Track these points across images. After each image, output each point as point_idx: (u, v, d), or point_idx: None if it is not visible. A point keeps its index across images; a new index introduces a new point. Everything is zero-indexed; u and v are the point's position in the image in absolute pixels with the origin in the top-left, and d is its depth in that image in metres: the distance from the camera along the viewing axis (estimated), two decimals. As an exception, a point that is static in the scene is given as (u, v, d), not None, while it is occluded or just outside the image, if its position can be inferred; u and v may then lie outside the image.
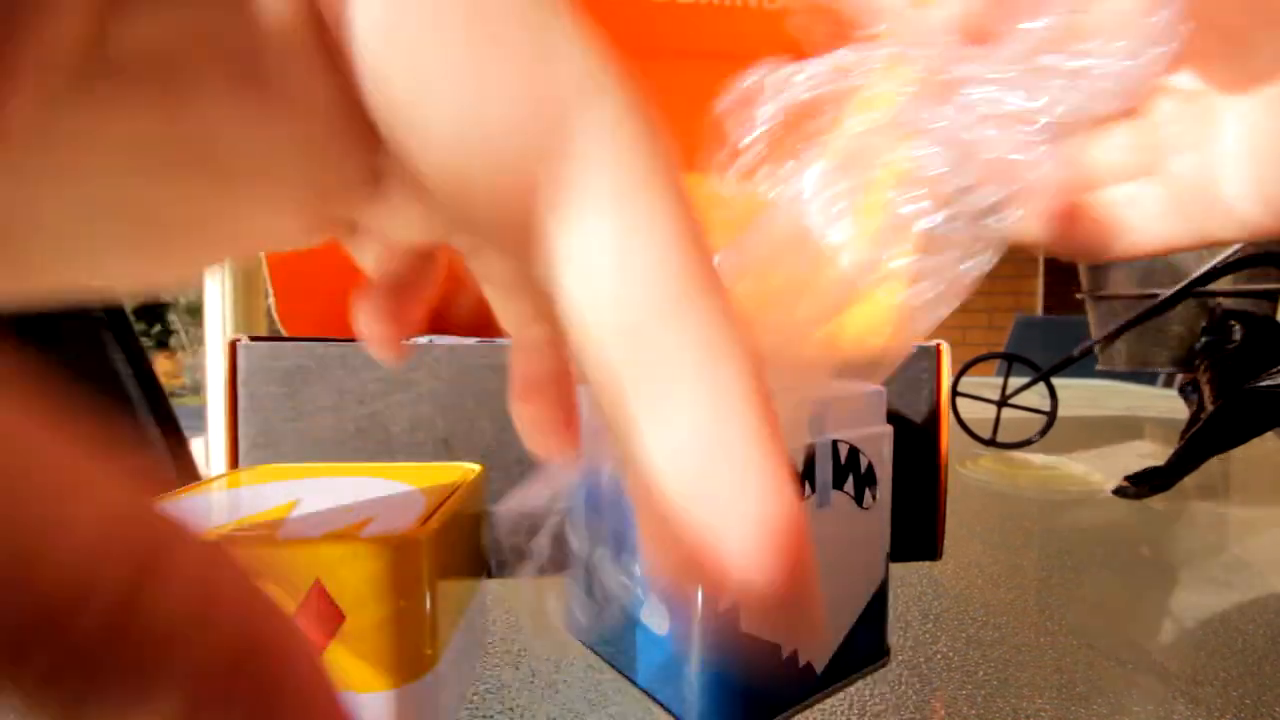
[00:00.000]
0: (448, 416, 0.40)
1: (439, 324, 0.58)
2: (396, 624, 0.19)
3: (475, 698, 0.26)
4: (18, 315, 0.52)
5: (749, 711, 0.24)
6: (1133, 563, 0.43)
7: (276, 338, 0.39)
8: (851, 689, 0.27)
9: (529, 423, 0.17)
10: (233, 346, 0.38)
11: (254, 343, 0.38)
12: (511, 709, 0.25)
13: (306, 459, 0.38)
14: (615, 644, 0.28)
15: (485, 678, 0.28)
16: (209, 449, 0.99)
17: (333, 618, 0.19)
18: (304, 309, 0.46)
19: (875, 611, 0.27)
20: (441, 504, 0.22)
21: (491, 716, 0.25)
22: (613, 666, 0.28)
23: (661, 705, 0.25)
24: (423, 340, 0.41)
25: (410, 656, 0.19)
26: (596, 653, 0.29)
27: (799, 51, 0.62)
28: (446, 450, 0.40)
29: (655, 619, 0.25)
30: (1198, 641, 0.32)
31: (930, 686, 0.27)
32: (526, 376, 0.17)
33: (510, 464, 0.40)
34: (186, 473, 0.63)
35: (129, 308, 0.62)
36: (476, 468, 0.28)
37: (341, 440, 0.39)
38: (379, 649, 0.19)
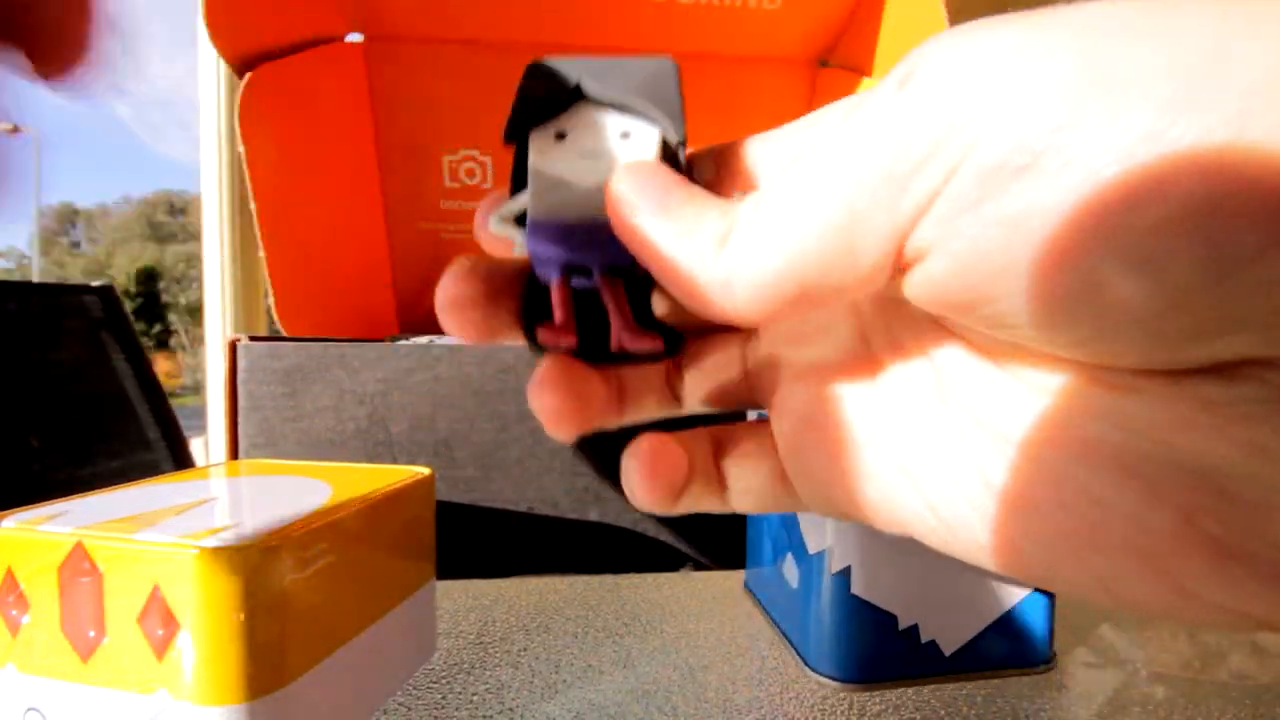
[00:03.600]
0: (448, 417, 0.40)
1: (435, 325, 0.58)
2: (236, 637, 0.18)
3: (475, 697, 0.26)
4: (18, 315, 0.52)
5: (862, 669, 0.27)
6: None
7: (276, 337, 0.39)
8: (852, 688, 0.27)
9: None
10: (233, 346, 0.38)
11: (254, 343, 0.38)
12: (511, 709, 0.25)
13: (306, 458, 0.38)
14: (767, 589, 0.33)
15: (485, 678, 0.28)
16: (209, 448, 0.99)
17: (168, 625, 0.18)
18: (304, 309, 0.46)
19: (1027, 614, 0.28)
20: (321, 514, 0.21)
21: (491, 716, 0.25)
22: (761, 607, 0.34)
23: (793, 648, 0.30)
24: (422, 340, 0.41)
25: (254, 672, 0.18)
26: (753, 595, 0.35)
27: (797, 54, 0.62)
28: (447, 450, 0.40)
29: (789, 574, 0.30)
30: (1199, 639, 0.32)
31: (930, 687, 0.27)
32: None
33: (510, 464, 0.40)
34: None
35: (129, 308, 0.62)
36: (425, 471, 0.27)
37: (342, 440, 0.39)
38: (219, 661, 0.18)
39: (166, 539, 0.18)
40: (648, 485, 0.15)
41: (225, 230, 0.90)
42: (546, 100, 0.13)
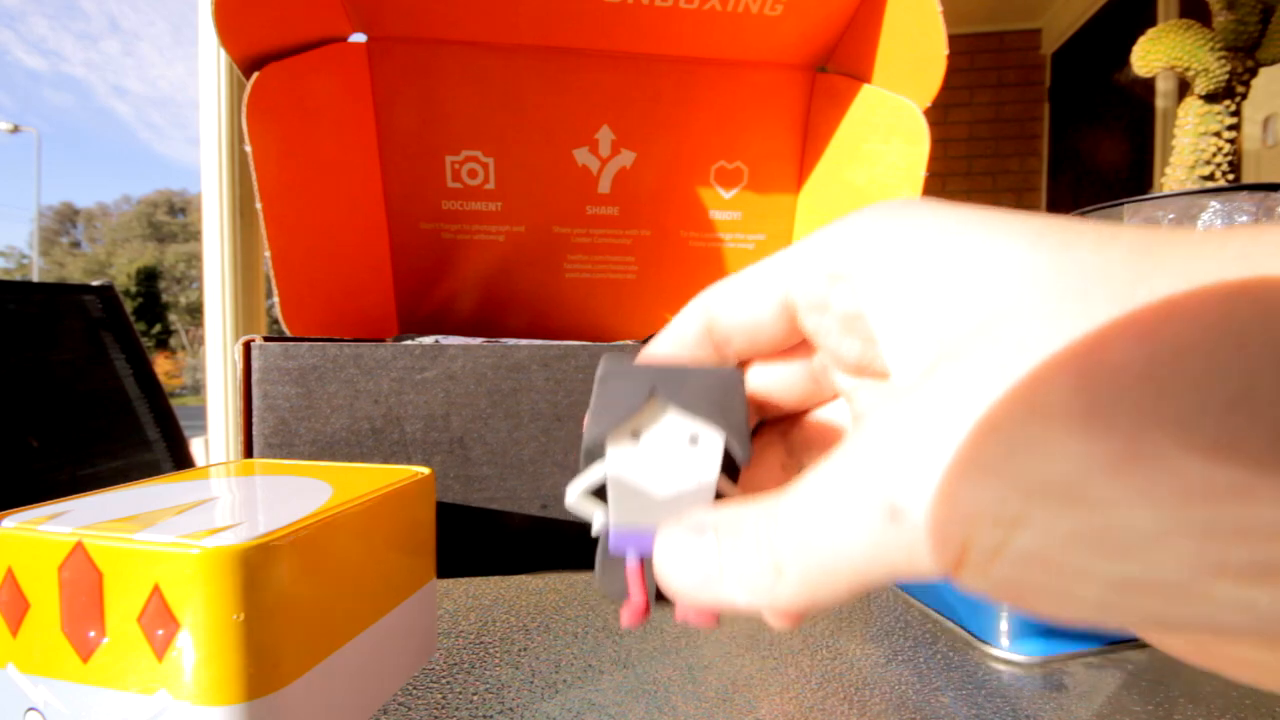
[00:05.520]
0: (462, 416, 0.40)
1: (443, 325, 0.58)
2: (238, 636, 0.18)
3: (475, 697, 0.26)
4: (18, 314, 0.52)
5: (1044, 641, 0.30)
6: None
7: (290, 338, 0.39)
8: (850, 688, 0.27)
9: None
10: (247, 346, 0.38)
11: (268, 343, 0.38)
12: (511, 709, 0.25)
13: (321, 458, 0.38)
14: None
15: (485, 678, 0.28)
16: (209, 448, 0.99)
17: (168, 624, 0.18)
18: (308, 308, 0.46)
19: None
20: (321, 514, 0.21)
21: (491, 716, 0.25)
22: (909, 594, 0.35)
23: (970, 632, 0.32)
24: (428, 341, 0.41)
25: (254, 672, 0.18)
26: (899, 591, 0.37)
27: (795, 59, 0.62)
28: (461, 449, 0.40)
29: None
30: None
31: (930, 686, 0.27)
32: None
33: (524, 462, 0.40)
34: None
35: (129, 308, 0.62)
36: (425, 471, 0.27)
37: (356, 439, 0.39)
38: (219, 661, 0.18)
39: (166, 539, 0.18)
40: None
41: (225, 230, 0.90)
42: (624, 405, 0.15)
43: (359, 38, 0.52)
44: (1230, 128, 0.64)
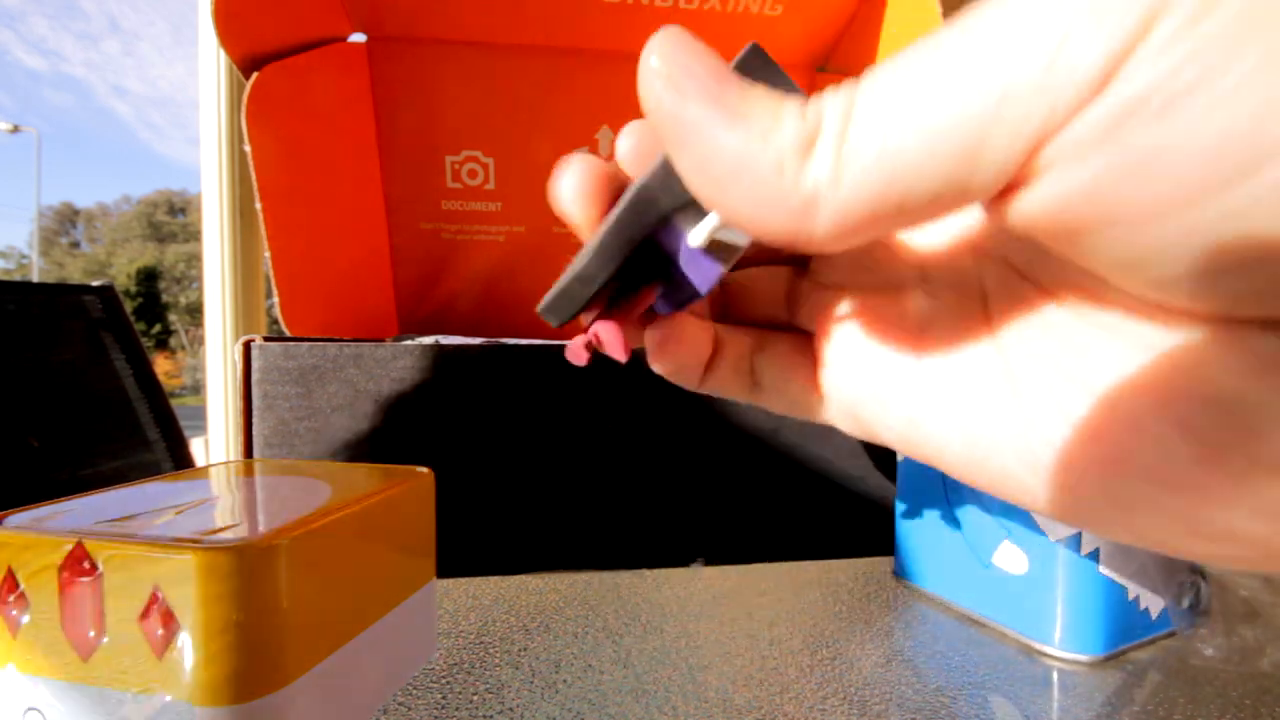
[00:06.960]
0: (460, 415, 0.40)
1: (443, 325, 0.58)
2: (236, 637, 0.18)
3: (475, 697, 0.26)
4: (18, 315, 0.52)
5: (1099, 640, 0.30)
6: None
7: (290, 338, 0.39)
8: (850, 688, 0.27)
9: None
10: (246, 346, 0.38)
11: (268, 343, 0.38)
12: (511, 709, 0.25)
13: (320, 457, 0.38)
14: (951, 583, 0.35)
15: (485, 678, 0.28)
16: (209, 448, 0.99)
17: (168, 625, 0.18)
18: (308, 308, 0.46)
19: (1191, 580, 0.32)
20: (321, 514, 0.21)
21: (491, 716, 0.25)
22: (943, 600, 0.36)
23: (1017, 633, 0.32)
24: (428, 340, 0.41)
25: (254, 672, 0.18)
26: (924, 590, 0.37)
27: (796, 59, 0.62)
28: (460, 448, 0.40)
29: (1011, 562, 0.32)
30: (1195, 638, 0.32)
31: (929, 685, 0.27)
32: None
33: (523, 462, 0.40)
34: (186, 473, 0.63)
35: (129, 308, 0.62)
36: (424, 471, 0.27)
37: (356, 439, 0.39)
38: (218, 661, 0.18)
39: (166, 539, 0.18)
40: (662, 353, 0.15)
41: (225, 230, 0.90)
42: None
43: (359, 38, 0.52)
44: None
